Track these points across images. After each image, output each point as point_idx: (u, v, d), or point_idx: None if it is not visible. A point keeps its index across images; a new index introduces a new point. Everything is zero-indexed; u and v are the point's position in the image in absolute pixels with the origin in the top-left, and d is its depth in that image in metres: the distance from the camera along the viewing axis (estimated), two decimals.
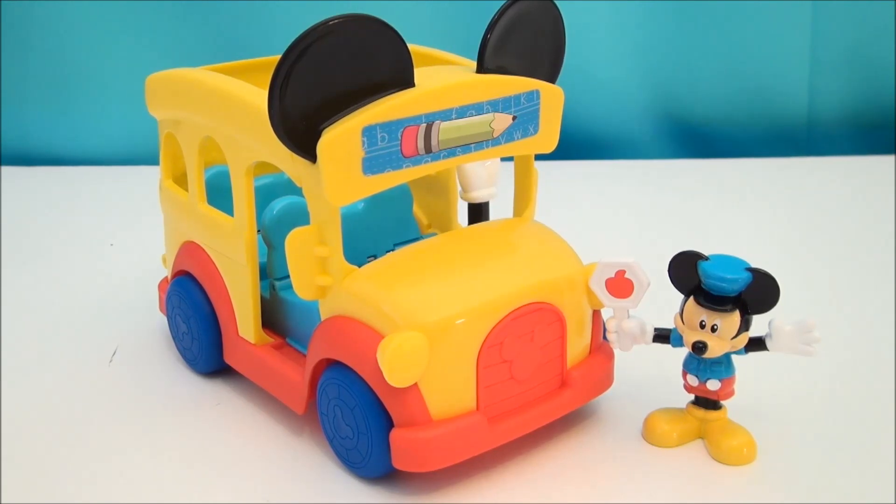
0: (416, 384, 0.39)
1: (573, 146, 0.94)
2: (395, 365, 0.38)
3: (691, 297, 0.42)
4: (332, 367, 0.42)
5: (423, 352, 0.39)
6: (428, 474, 0.42)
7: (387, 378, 0.38)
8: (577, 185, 0.85)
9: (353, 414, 0.41)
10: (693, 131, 0.97)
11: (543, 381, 0.43)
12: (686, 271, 0.42)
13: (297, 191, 0.42)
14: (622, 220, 0.76)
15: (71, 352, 0.54)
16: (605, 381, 0.46)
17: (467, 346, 0.40)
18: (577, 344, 0.44)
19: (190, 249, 0.50)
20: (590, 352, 0.46)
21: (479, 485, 0.42)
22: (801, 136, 0.96)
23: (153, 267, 0.58)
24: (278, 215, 0.47)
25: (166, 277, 0.55)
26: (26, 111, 0.95)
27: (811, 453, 0.44)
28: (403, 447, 0.40)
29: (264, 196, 0.51)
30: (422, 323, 0.39)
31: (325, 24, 0.37)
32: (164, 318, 0.54)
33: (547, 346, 0.43)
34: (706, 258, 0.42)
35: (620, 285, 0.43)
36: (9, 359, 0.54)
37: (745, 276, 0.41)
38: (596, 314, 0.46)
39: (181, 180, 0.51)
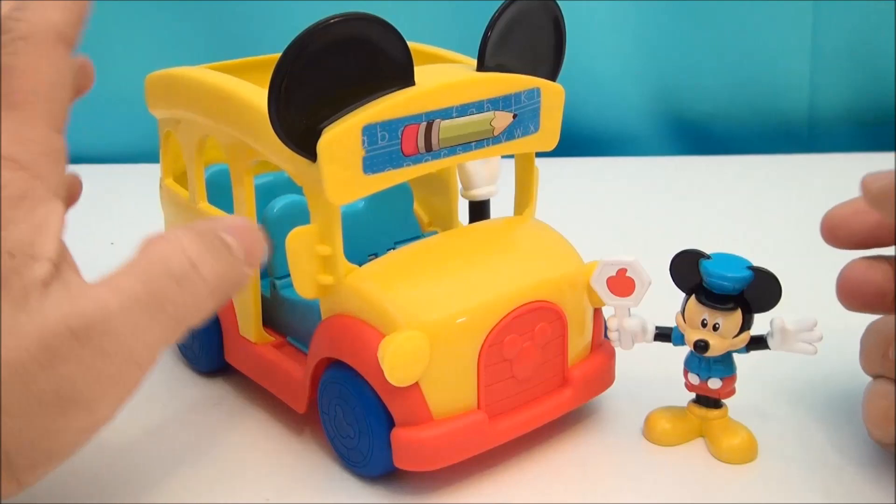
0: (417, 383, 0.39)
1: (574, 143, 0.93)
2: (395, 364, 0.38)
3: (693, 296, 0.42)
4: (334, 366, 0.42)
5: (424, 351, 0.39)
6: (429, 473, 0.42)
7: (388, 377, 0.38)
8: (577, 183, 0.85)
9: (355, 413, 0.41)
10: (694, 128, 0.97)
11: (544, 380, 0.43)
12: (687, 270, 0.42)
13: (298, 189, 0.42)
14: (623, 218, 0.76)
15: None
16: (606, 379, 0.46)
17: (468, 345, 0.40)
18: (578, 342, 0.44)
19: None
20: (591, 350, 0.46)
21: (481, 484, 0.42)
22: (801, 133, 0.96)
23: None
24: (279, 214, 0.47)
25: None
26: None
27: (811, 452, 0.44)
28: (404, 446, 0.40)
29: (265, 194, 0.51)
30: (423, 322, 0.39)
31: (324, 22, 0.37)
32: None
33: (548, 345, 0.43)
34: (708, 257, 0.42)
35: (622, 284, 0.43)
36: None
37: (747, 275, 0.41)
38: (597, 312, 0.46)
39: (181, 179, 0.51)
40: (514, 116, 0.43)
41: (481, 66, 0.42)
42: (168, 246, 0.35)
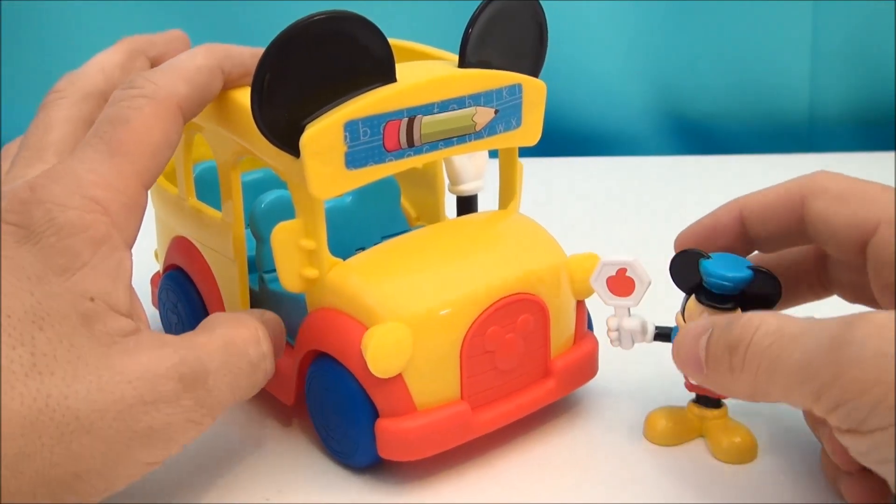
0: (400, 374, 0.40)
1: (575, 143, 0.94)
2: (378, 356, 0.39)
3: (693, 296, 0.42)
4: (320, 359, 0.42)
5: (407, 343, 0.39)
6: (424, 467, 0.42)
7: (371, 369, 0.39)
8: (577, 182, 0.86)
9: (340, 404, 0.42)
10: (694, 127, 0.97)
11: (527, 371, 0.43)
12: (687, 270, 0.42)
13: (286, 185, 0.42)
14: (623, 218, 0.76)
15: None
16: (589, 370, 0.46)
17: (451, 337, 0.41)
18: (561, 334, 0.45)
19: (180, 244, 0.51)
20: (573, 342, 0.46)
21: (473, 482, 0.42)
22: (802, 132, 0.96)
23: (146, 261, 0.59)
24: (266, 209, 0.47)
25: (159, 272, 0.55)
26: (26, 110, 0.95)
27: (811, 452, 0.43)
28: (388, 436, 0.40)
29: (255, 191, 0.51)
30: (405, 314, 0.40)
31: (307, 20, 0.38)
32: (157, 311, 0.55)
33: (530, 337, 0.43)
34: (708, 257, 0.42)
35: (622, 284, 0.43)
36: None
37: (747, 275, 0.41)
38: (580, 304, 0.46)
39: (171, 176, 0.52)
40: (496, 112, 0.43)
41: (463, 63, 0.43)
42: (248, 333, 0.40)
